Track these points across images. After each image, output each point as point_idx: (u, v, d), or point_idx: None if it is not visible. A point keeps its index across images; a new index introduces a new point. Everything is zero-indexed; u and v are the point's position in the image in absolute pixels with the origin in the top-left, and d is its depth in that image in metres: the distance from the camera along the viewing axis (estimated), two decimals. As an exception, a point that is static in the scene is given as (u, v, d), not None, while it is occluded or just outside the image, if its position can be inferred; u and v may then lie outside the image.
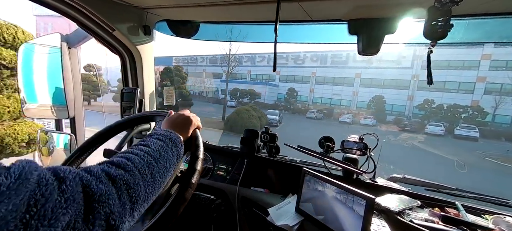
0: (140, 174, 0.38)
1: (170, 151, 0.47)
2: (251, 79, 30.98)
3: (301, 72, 29.01)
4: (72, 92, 1.21)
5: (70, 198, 0.26)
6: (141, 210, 0.38)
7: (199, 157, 0.57)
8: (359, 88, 25.65)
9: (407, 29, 0.89)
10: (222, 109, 15.90)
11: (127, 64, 1.28)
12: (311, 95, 28.12)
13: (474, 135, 15.40)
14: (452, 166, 6.73)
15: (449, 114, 18.91)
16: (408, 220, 0.77)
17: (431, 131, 16.86)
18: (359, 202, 0.70)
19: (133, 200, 0.35)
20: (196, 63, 35.59)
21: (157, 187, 0.41)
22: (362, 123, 19.66)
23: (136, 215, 0.36)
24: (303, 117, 22.08)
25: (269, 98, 27.26)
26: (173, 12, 1.13)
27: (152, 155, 0.43)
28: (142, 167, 0.39)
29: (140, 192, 0.36)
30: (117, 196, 0.32)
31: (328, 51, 27.20)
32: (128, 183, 0.35)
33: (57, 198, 0.25)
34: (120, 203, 0.32)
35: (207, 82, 30.77)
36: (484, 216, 0.84)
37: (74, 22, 1.03)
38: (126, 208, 0.33)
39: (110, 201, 0.31)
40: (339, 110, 24.49)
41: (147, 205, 0.40)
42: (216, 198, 1.10)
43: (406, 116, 22.53)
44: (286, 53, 30.10)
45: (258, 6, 0.92)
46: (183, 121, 0.59)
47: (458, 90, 21.28)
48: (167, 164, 0.45)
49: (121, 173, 0.35)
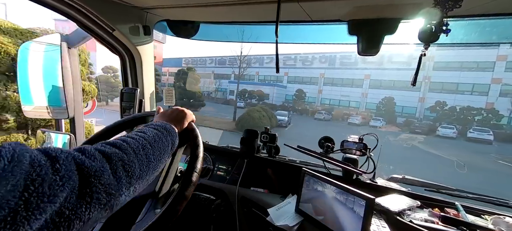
0: (135, 153, 0.39)
1: (164, 138, 0.49)
2: (259, 81, 31.23)
3: (309, 74, 28.90)
4: (72, 93, 1.21)
5: (66, 176, 0.27)
6: (137, 187, 0.39)
7: (199, 156, 0.57)
8: (368, 89, 25.36)
9: (406, 29, 0.90)
10: (231, 110, 16.14)
11: (127, 65, 1.28)
12: (319, 97, 28.02)
13: (488, 138, 14.95)
14: (456, 167, 6.84)
15: (462, 116, 18.36)
16: (408, 221, 0.77)
17: (443, 133, 16.52)
18: (359, 202, 0.70)
19: (129, 174, 0.36)
20: (205, 64, 36.16)
21: (152, 168, 0.43)
22: (371, 124, 19.37)
23: (132, 191, 0.38)
24: (311, 118, 22.09)
25: (277, 99, 27.28)
26: (173, 12, 1.13)
27: (147, 139, 0.45)
28: (137, 148, 0.41)
29: (135, 168, 0.38)
30: (112, 172, 0.34)
31: (337, 52, 27.04)
32: (122, 160, 0.36)
33: (52, 177, 0.25)
34: (116, 177, 0.34)
35: (216, 83, 31.22)
36: (484, 216, 0.84)
37: (74, 22, 1.03)
38: (122, 181, 0.35)
39: (105, 175, 0.32)
40: (347, 111, 24.23)
41: (142, 183, 0.41)
42: (216, 198, 1.10)
43: (417, 118, 21.99)
44: (294, 55, 30.23)
45: (258, 6, 0.92)
46: (177, 115, 0.62)
47: (472, 92, 20.51)
48: (162, 150, 0.47)
49: (116, 150, 0.37)
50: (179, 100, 15.31)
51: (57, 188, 0.25)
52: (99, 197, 0.30)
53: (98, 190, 0.30)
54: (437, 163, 9.32)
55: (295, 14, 0.94)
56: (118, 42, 1.18)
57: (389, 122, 20.67)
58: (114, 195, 0.33)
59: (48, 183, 0.25)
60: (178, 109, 0.64)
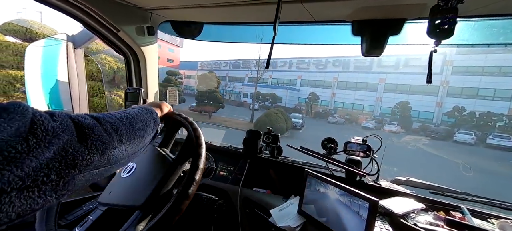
0: (120, 120, 0.44)
1: (146, 115, 0.53)
2: (272, 84, 31.62)
3: (323, 77, 28.94)
4: (78, 91, 1.22)
5: (63, 123, 0.32)
6: (127, 147, 0.44)
7: (202, 155, 0.58)
8: (383, 93, 25.09)
9: (411, 29, 0.89)
10: (245, 112, 17.06)
11: (131, 65, 1.29)
12: (332, 100, 27.96)
13: (509, 145, 14.43)
14: (462, 170, 6.71)
15: (482, 122, 17.71)
16: (412, 224, 0.76)
17: (460, 139, 16.20)
18: (362, 204, 0.69)
19: (118, 133, 0.41)
20: (219, 67, 37.02)
21: (138, 134, 0.47)
22: (385, 128, 19.22)
23: (123, 149, 0.42)
24: (324, 121, 22.14)
25: (290, 102, 27.45)
26: (176, 13, 1.14)
27: (129, 113, 0.50)
28: (121, 117, 0.46)
29: (122, 130, 0.43)
30: (102, 128, 0.39)
31: (351, 56, 27.05)
32: (109, 121, 0.41)
33: (52, 123, 0.30)
34: (106, 132, 0.39)
35: (230, 86, 31.98)
36: (490, 220, 0.82)
37: (80, 22, 1.04)
38: (113, 137, 0.40)
39: (97, 129, 0.37)
40: (362, 115, 24.10)
41: (132, 144, 0.45)
42: (218, 198, 1.10)
43: (434, 123, 21.59)
44: (307, 58, 30.57)
45: (261, 7, 0.92)
46: (154, 103, 0.66)
47: (494, 97, 19.72)
48: (145, 122, 0.51)
49: (103, 115, 0.42)
50: (200, 102, 16.46)
51: (58, 130, 0.30)
52: (95, 144, 0.36)
53: (93, 138, 0.36)
54: (439, 164, 9.40)
55: (298, 14, 0.94)
56: (123, 43, 1.19)
57: (404, 126, 20.12)
58: (108, 146, 0.38)
59: (50, 125, 0.30)
60: (155, 101, 0.73)
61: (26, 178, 0.26)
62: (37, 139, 0.28)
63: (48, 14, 24.37)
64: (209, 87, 16.63)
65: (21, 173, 0.26)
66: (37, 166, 0.28)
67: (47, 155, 0.29)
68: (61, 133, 0.31)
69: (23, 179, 0.26)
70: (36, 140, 0.28)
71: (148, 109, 0.57)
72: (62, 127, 0.31)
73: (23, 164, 0.26)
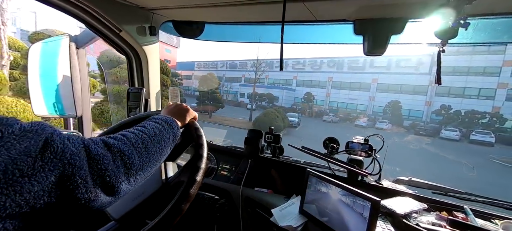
0: (134, 146, 0.42)
1: (165, 132, 0.50)
2: (268, 84, 32.16)
3: (318, 77, 29.82)
4: (80, 92, 1.23)
5: (75, 148, 0.32)
6: (137, 177, 0.41)
7: (203, 155, 0.57)
8: (376, 93, 26.02)
9: (413, 29, 0.88)
10: (242, 111, 17.66)
11: (133, 65, 1.30)
12: (327, 100, 28.78)
13: (490, 140, 15.62)
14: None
15: (467, 120, 18.90)
16: (414, 224, 0.75)
17: (446, 135, 17.26)
18: (364, 204, 0.69)
19: (127, 165, 0.39)
20: (216, 68, 37.44)
21: (152, 160, 0.45)
22: (377, 126, 20.01)
23: (132, 181, 0.40)
24: (319, 120, 22.95)
25: (286, 102, 28.02)
26: (178, 13, 1.14)
27: (147, 133, 0.46)
28: (136, 141, 0.43)
29: (134, 160, 0.40)
30: (112, 159, 0.37)
31: (345, 57, 28.05)
32: (122, 151, 0.39)
33: (66, 144, 0.31)
34: (115, 165, 0.37)
35: (227, 86, 32.28)
36: (494, 220, 0.81)
37: (82, 23, 1.05)
38: (120, 170, 0.38)
39: (105, 161, 0.35)
40: (355, 114, 24.85)
41: (143, 174, 0.43)
42: (220, 198, 1.11)
43: (424, 121, 22.54)
44: (303, 59, 31.26)
45: (263, 6, 0.92)
46: (179, 109, 0.62)
47: (479, 96, 21.01)
48: (163, 142, 0.48)
49: (116, 143, 0.40)
50: (202, 102, 16.84)
51: (67, 154, 0.30)
52: (97, 179, 0.34)
53: (101, 168, 0.34)
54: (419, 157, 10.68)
55: (300, 14, 0.93)
56: (125, 43, 1.19)
57: (395, 124, 21.12)
58: (115, 179, 0.36)
59: (60, 148, 0.30)
60: (181, 104, 0.65)
61: (25, 204, 0.25)
62: (44, 162, 0.27)
63: (42, 15, 24.48)
64: (211, 88, 16.88)
65: (20, 199, 0.25)
66: (39, 192, 0.26)
67: (51, 178, 0.28)
68: (70, 158, 0.30)
69: (20, 205, 0.25)
70: (43, 162, 0.27)
71: (169, 123, 0.53)
72: (73, 152, 0.31)
73: (23, 189, 0.25)
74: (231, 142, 1.43)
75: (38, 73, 1.29)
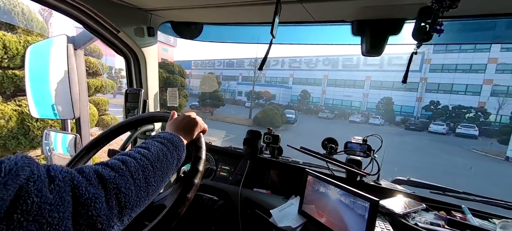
0: (133, 179, 0.38)
1: (170, 155, 0.47)
2: (265, 82, 32.73)
3: (314, 75, 30.67)
4: (78, 93, 1.22)
5: (57, 197, 0.26)
6: (132, 214, 0.38)
7: (202, 157, 0.56)
8: (369, 90, 27.09)
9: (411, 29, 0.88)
10: (241, 109, 18.70)
11: (131, 66, 1.29)
12: (323, 97, 29.74)
13: (474, 133, 17.06)
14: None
15: (454, 114, 20.27)
16: (413, 223, 0.76)
17: (434, 129, 18.56)
18: (363, 204, 0.69)
19: (121, 204, 0.35)
20: (213, 66, 38.04)
21: (150, 192, 0.41)
22: (370, 122, 21.39)
23: (125, 220, 0.36)
24: (315, 116, 23.90)
25: (283, 100, 28.72)
26: (176, 14, 1.14)
27: (150, 158, 0.42)
28: (136, 171, 0.39)
29: (131, 197, 0.36)
30: (105, 200, 0.32)
31: (340, 55, 29.19)
32: (119, 187, 0.35)
33: (44, 195, 0.25)
34: (108, 207, 0.32)
35: (225, 85, 32.64)
36: (492, 220, 0.82)
37: (80, 23, 1.04)
38: (114, 212, 0.33)
39: (97, 204, 0.31)
40: (350, 111, 25.86)
41: (138, 210, 0.39)
42: (219, 199, 1.10)
43: (415, 116, 23.94)
44: (299, 58, 32.03)
45: (262, 7, 0.92)
46: (188, 123, 0.58)
47: (466, 92, 22.42)
48: (165, 169, 0.45)
49: (113, 175, 0.35)
50: (202, 100, 17.17)
51: (48, 207, 0.25)
52: (93, 222, 0.30)
53: (93, 215, 0.30)
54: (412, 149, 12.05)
55: (298, 14, 0.93)
56: (123, 44, 1.19)
57: (387, 120, 22.61)
58: (107, 224, 0.32)
59: (39, 201, 0.24)
60: (190, 117, 0.59)
61: None
62: (10, 228, 0.22)
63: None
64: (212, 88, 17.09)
65: None
66: None
67: None
68: (50, 208, 0.25)
69: None
70: (7, 221, 0.21)
71: (176, 144, 0.49)
72: (55, 200, 0.25)
73: None
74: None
75: (36, 75, 1.28)
